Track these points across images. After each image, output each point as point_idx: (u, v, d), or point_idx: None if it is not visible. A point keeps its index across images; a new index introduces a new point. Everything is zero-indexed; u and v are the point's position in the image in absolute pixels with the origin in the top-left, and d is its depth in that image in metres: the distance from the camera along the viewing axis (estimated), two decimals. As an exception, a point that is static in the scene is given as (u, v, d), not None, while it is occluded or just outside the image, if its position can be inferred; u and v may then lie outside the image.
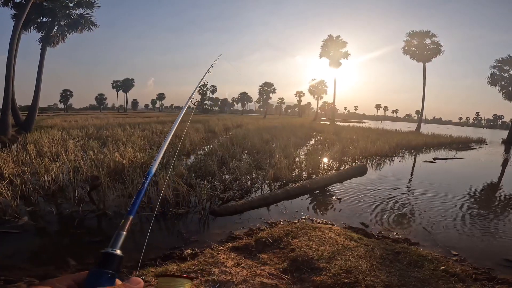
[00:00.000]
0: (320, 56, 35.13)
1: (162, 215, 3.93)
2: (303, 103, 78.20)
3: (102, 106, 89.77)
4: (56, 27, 15.07)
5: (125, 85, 78.14)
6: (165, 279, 0.41)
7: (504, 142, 23.80)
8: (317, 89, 48.05)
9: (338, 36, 34.04)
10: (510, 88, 24.78)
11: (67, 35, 15.49)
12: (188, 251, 2.74)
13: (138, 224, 3.65)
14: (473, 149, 16.59)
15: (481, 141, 21.87)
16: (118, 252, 0.41)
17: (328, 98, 56.46)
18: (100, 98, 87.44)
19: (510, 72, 24.89)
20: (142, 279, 0.41)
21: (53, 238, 3.31)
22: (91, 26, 15.53)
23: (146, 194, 4.43)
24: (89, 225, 3.64)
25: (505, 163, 11.65)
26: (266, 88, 61.56)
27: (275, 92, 62.77)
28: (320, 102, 50.33)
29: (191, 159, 8.30)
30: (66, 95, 76.07)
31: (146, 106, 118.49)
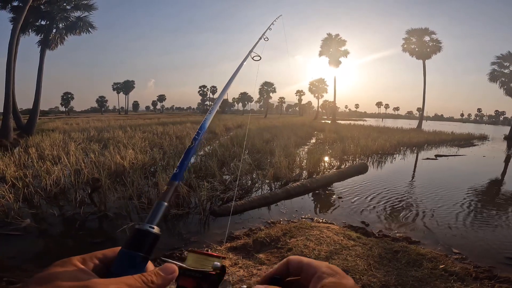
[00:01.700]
0: (320, 55, 35.12)
1: (162, 216, 3.94)
2: (303, 102, 78.27)
3: (103, 109, 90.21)
4: (54, 30, 15.13)
5: (125, 87, 78.45)
6: (195, 255, 0.37)
7: (506, 138, 23.64)
8: (317, 88, 47.99)
9: (337, 35, 34.02)
10: (511, 84, 24.67)
11: (66, 37, 15.55)
12: (186, 252, 2.75)
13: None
14: (475, 145, 16.51)
15: (483, 138, 21.76)
16: (155, 229, 0.35)
17: (328, 96, 56.62)
18: (101, 101, 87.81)
19: (510, 68, 24.83)
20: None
21: (55, 240, 3.35)
22: (89, 29, 15.58)
23: (147, 196, 4.46)
24: (91, 226, 3.69)
25: (507, 160, 11.59)
26: (267, 88, 61.57)
27: (275, 92, 62.78)
28: (321, 101, 50.26)
29: (192, 160, 8.31)
30: (67, 98, 76.48)
31: (147, 107, 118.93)
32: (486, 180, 7.26)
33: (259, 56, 0.88)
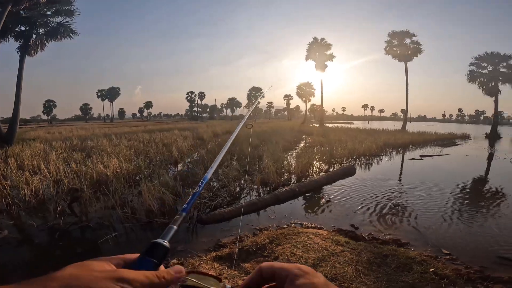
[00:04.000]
0: (306, 59, 35.51)
1: (148, 225, 3.85)
2: (291, 106, 78.93)
3: (87, 117, 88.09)
4: (34, 36, 14.67)
5: (110, 94, 76.93)
6: (194, 275, 0.42)
7: (487, 136, 24.54)
8: (305, 92, 48.49)
9: (323, 39, 34.52)
10: (490, 84, 25.51)
11: (46, 43, 15.09)
12: (174, 261, 2.68)
13: (124, 236, 3.58)
14: (458, 144, 17.01)
15: (465, 137, 22.48)
16: (166, 244, 0.44)
17: (316, 100, 57.08)
18: (85, 108, 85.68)
19: (489, 69, 25.61)
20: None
21: (34, 251, 3.28)
22: (71, 34, 15.19)
23: (130, 206, 4.32)
24: (72, 237, 3.60)
25: (490, 158, 11.96)
26: (255, 93, 61.79)
27: (264, 96, 62.92)
28: (309, 105, 50.79)
29: (179, 167, 8.17)
30: (49, 105, 74.18)
31: (134, 115, 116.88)
32: (471, 179, 7.42)
33: (251, 124, 1.03)
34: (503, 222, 4.08)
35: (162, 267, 0.41)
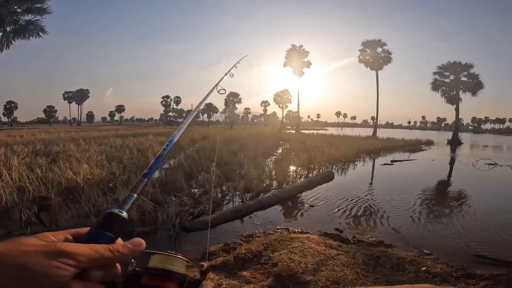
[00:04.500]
0: (284, 65, 36.19)
1: (127, 234, 3.60)
2: (268, 112, 79.83)
3: (52, 120, 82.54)
4: (0, 34, 13.57)
5: (78, 96, 72.78)
6: (158, 256, 0.36)
7: (449, 142, 26.54)
8: (282, 99, 49.35)
9: (301, 46, 35.42)
10: (452, 93, 27.20)
11: (13, 42, 13.99)
12: None
13: None
14: (423, 150, 18.21)
15: (429, 143, 24.09)
16: (124, 214, 0.39)
17: (292, 107, 58.30)
18: (50, 111, 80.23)
19: (451, 78, 27.06)
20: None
21: None
22: (40, 33, 14.22)
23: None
24: None
25: (452, 162, 12.91)
26: (232, 98, 61.64)
27: (241, 102, 63.06)
28: (285, 111, 51.67)
29: (156, 174, 7.86)
30: (10, 107, 68.55)
31: (103, 119, 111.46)
32: (439, 181, 7.96)
33: (224, 89, 0.95)
34: (467, 222, 4.40)
35: (120, 240, 0.37)
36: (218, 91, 0.94)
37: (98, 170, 6.65)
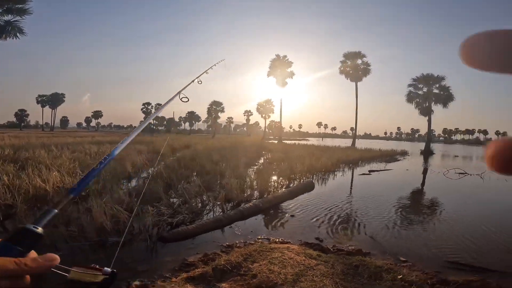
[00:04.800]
0: (268, 75, 36.65)
1: (100, 244, 3.42)
2: (251, 122, 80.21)
3: (23, 124, 77.87)
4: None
5: (53, 100, 69.45)
6: (77, 268, 0.39)
7: (422, 153, 27.85)
8: (264, 109, 49.88)
9: (285, 56, 36.11)
10: (424, 105, 28.34)
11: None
12: (137, 283, 2.38)
13: (69, 256, 3.15)
14: (399, 160, 18.99)
15: (404, 153, 25.17)
16: (39, 230, 0.38)
17: (275, 117, 58.95)
18: (21, 115, 75.81)
19: (424, 90, 27.94)
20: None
21: None
22: (18, 34, 13.57)
23: (77, 223, 3.83)
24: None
25: (425, 172, 13.55)
26: (215, 107, 61.29)
27: (224, 111, 62.69)
28: (268, 121, 52.20)
29: (133, 183, 7.59)
30: (-27, 111, 63.85)
31: (79, 124, 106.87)
32: (413, 190, 8.31)
33: (187, 98, 0.91)
34: (439, 229, 4.63)
35: (33, 253, 0.37)
36: (181, 99, 0.91)
37: (69, 178, 6.35)
